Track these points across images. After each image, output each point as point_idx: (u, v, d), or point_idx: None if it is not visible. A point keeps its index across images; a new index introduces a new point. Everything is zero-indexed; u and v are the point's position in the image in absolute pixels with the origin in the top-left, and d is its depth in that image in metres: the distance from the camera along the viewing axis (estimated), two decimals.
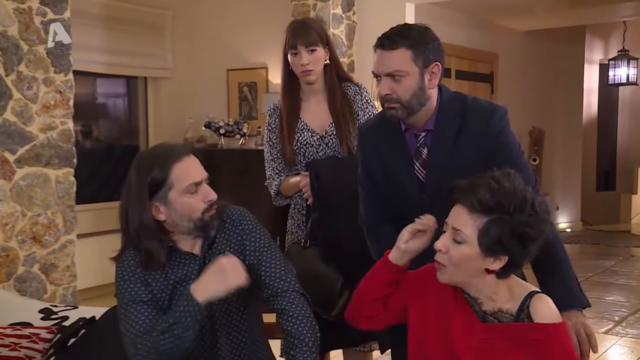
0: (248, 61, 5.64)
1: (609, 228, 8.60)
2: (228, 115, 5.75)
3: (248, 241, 1.83)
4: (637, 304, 5.02)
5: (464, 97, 1.97)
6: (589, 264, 6.55)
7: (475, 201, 1.47)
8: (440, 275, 1.54)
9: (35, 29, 3.29)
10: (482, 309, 1.54)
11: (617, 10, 6.89)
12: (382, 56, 1.84)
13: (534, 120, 7.35)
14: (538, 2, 6.04)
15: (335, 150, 2.45)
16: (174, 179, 1.68)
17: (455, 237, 1.50)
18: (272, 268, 1.81)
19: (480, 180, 1.50)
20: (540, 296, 1.52)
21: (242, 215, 1.87)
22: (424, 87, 1.85)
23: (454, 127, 1.88)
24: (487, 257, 1.48)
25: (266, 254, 1.83)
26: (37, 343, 2.29)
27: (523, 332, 1.47)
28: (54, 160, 3.38)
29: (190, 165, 1.71)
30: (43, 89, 3.34)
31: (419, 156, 1.93)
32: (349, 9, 5.03)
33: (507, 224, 1.45)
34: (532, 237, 1.48)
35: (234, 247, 1.81)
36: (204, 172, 1.75)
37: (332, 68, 2.50)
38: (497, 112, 1.92)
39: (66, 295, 3.45)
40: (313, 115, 2.50)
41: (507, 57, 6.96)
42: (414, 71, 1.82)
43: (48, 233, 3.37)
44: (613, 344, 4.16)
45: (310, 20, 2.64)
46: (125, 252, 1.79)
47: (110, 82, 5.70)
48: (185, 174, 1.69)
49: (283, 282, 1.80)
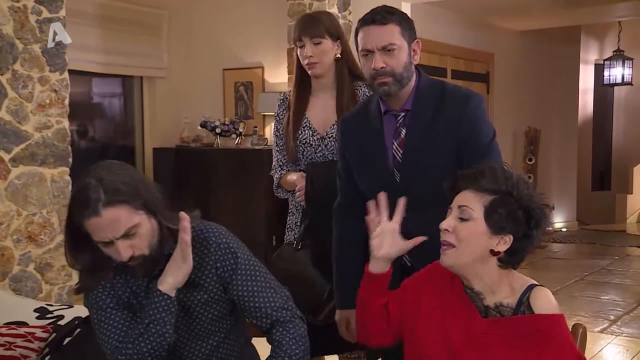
0: (244, 61, 5.64)
1: (604, 228, 8.62)
2: (224, 115, 5.74)
3: (230, 275, 1.71)
4: (632, 303, 5.03)
5: (443, 83, 2.05)
6: (585, 263, 6.57)
7: (482, 179, 1.51)
8: (445, 259, 1.53)
9: (30, 27, 3.28)
10: (485, 304, 1.54)
11: (612, 10, 6.91)
12: (374, 31, 1.92)
13: (529, 120, 7.36)
14: (534, 3, 6.05)
15: (334, 153, 2.38)
16: (87, 230, 1.60)
17: (462, 214, 1.51)
18: (261, 300, 1.71)
19: (483, 168, 1.55)
20: (540, 288, 1.53)
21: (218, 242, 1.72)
22: (410, 62, 1.96)
23: (431, 109, 1.96)
24: (493, 236, 1.50)
25: (252, 285, 1.72)
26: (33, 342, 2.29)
27: (525, 324, 1.48)
28: (49, 159, 3.38)
29: (96, 226, 1.57)
30: (38, 87, 3.33)
31: (397, 136, 1.98)
32: (345, 8, 5.03)
33: (512, 202, 1.49)
34: (536, 218, 1.50)
35: (210, 276, 1.71)
36: (121, 229, 1.57)
37: (344, 63, 2.45)
38: (473, 99, 1.98)
39: (61, 295, 3.44)
40: (317, 112, 2.45)
41: (503, 57, 6.98)
42: (403, 45, 1.93)
43: (43, 232, 3.36)
44: (608, 342, 4.17)
45: (320, 14, 2.60)
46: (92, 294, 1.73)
47: (106, 81, 5.69)
48: (93, 233, 1.59)
49: (276, 313, 1.71)
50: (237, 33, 5.64)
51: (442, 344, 1.55)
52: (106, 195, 1.56)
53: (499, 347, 1.49)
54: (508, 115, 6.95)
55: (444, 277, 1.61)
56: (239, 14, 5.62)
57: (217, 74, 5.83)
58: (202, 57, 5.89)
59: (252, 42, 5.53)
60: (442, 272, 1.60)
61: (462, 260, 1.52)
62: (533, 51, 7.60)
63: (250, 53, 5.53)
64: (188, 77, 5.93)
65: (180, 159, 5.55)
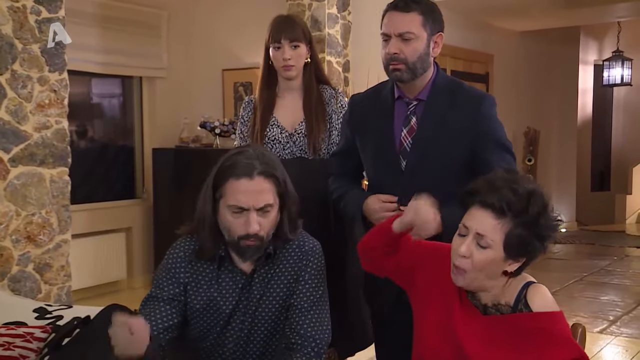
0: (243, 61, 5.63)
1: (603, 228, 8.63)
2: (223, 115, 5.74)
3: (304, 282, 1.75)
4: (631, 304, 5.03)
5: (460, 81, 2.11)
6: (584, 263, 6.57)
7: (504, 204, 1.44)
8: (459, 280, 1.51)
9: (29, 27, 3.28)
10: (482, 303, 1.54)
11: (611, 11, 6.91)
12: (395, 17, 1.96)
13: (529, 121, 7.37)
14: (533, 3, 6.05)
15: (302, 149, 2.48)
16: (224, 191, 1.67)
17: (480, 242, 1.47)
18: (309, 322, 1.73)
19: (498, 181, 1.48)
20: (536, 285, 1.53)
21: (313, 250, 1.79)
22: (428, 53, 1.98)
23: (446, 102, 2.00)
24: (508, 260, 1.49)
25: (314, 307, 1.74)
26: (32, 342, 2.28)
27: (524, 322, 1.48)
28: (48, 159, 3.37)
29: (244, 187, 1.63)
30: (37, 87, 3.32)
31: (407, 123, 2.03)
32: (344, 8, 5.03)
33: (533, 228, 1.46)
34: (553, 238, 1.50)
35: (288, 279, 1.76)
36: (261, 201, 1.64)
37: (312, 68, 2.53)
38: (487, 99, 2.04)
39: (61, 295, 3.44)
40: (285, 112, 2.52)
41: (503, 58, 6.98)
42: (422, 35, 1.96)
43: (42, 232, 3.35)
44: (608, 343, 4.17)
45: (295, 17, 2.68)
46: (181, 238, 1.80)
47: (106, 81, 5.68)
48: (233, 194, 1.64)
49: (311, 342, 1.71)
50: (237, 33, 5.64)
51: (446, 334, 1.54)
52: (262, 165, 1.65)
53: (500, 343, 1.49)
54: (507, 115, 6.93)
55: (448, 269, 1.59)
56: (239, 14, 5.62)
57: (217, 74, 5.83)
58: (202, 57, 5.89)
59: (251, 43, 5.52)
60: (448, 263, 1.58)
61: (476, 284, 1.52)
62: (532, 52, 7.60)
63: (250, 53, 5.53)
64: (187, 78, 5.93)
65: (179, 160, 5.55)
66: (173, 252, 1.79)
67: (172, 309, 1.73)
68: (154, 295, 1.76)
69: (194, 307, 1.76)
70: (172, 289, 1.75)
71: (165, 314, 1.72)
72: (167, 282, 1.75)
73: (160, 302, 1.74)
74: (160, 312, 1.72)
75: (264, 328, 1.77)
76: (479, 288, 1.53)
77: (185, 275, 1.76)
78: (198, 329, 1.79)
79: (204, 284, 1.76)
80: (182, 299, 1.75)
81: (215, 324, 1.77)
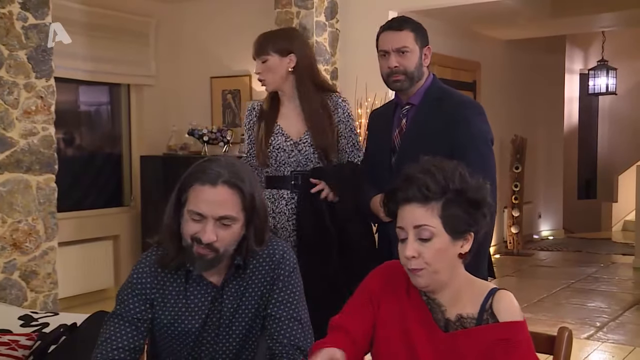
0: (231, 69, 5.64)
1: (590, 236, 8.68)
2: (211, 123, 5.73)
3: (278, 290, 1.72)
4: (618, 310, 5.07)
5: (451, 89, 2.43)
6: (571, 271, 6.61)
7: (424, 190, 1.41)
8: (419, 281, 1.44)
9: (15, 34, 3.27)
10: (445, 317, 1.47)
11: (596, 20, 6.99)
12: (390, 35, 2.31)
13: (516, 129, 7.41)
14: (519, 12, 6.11)
15: (308, 157, 2.52)
16: (188, 196, 1.63)
17: (421, 235, 1.42)
18: (290, 330, 1.69)
19: (412, 172, 1.46)
20: (502, 293, 1.46)
21: (284, 257, 1.75)
22: (421, 63, 2.33)
23: (432, 106, 2.29)
24: (457, 241, 1.44)
25: (293, 313, 1.71)
26: (17, 350, 2.26)
27: (488, 334, 1.43)
28: (35, 166, 3.36)
29: (206, 195, 1.59)
30: (24, 94, 3.31)
31: (399, 125, 2.36)
32: (332, 16, 5.05)
33: (462, 201, 1.43)
34: (484, 202, 1.45)
35: (262, 290, 1.72)
36: (220, 211, 1.59)
37: (303, 75, 2.53)
38: (472, 104, 2.41)
39: (47, 303, 3.41)
40: (289, 121, 2.57)
41: (489, 66, 7.03)
42: (415, 49, 2.30)
43: (29, 240, 3.33)
44: (594, 349, 4.19)
45: (270, 32, 2.71)
46: (149, 249, 1.76)
47: (93, 89, 5.66)
48: (195, 200, 1.61)
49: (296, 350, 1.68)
50: (225, 41, 5.64)
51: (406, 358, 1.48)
52: (229, 175, 1.61)
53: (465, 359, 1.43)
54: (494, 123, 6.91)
55: (399, 282, 1.53)
56: (227, 22, 5.63)
57: (205, 81, 5.83)
58: (190, 65, 5.89)
59: (239, 50, 5.52)
60: (398, 276, 1.53)
61: (439, 278, 1.45)
62: (519, 60, 7.66)
63: (238, 61, 5.53)
64: (175, 85, 5.92)
65: (167, 167, 5.53)
66: (138, 266, 1.72)
67: (136, 329, 1.67)
68: (118, 313, 1.68)
69: (161, 322, 1.70)
70: (137, 306, 1.68)
71: (130, 335, 1.66)
72: (131, 299, 1.68)
73: (126, 322, 1.66)
74: (126, 333, 1.65)
75: (236, 342, 1.73)
76: (442, 284, 1.46)
77: (152, 291, 1.69)
78: (167, 345, 1.73)
79: (170, 299, 1.70)
80: (148, 317, 1.69)
81: (185, 339, 1.71)
